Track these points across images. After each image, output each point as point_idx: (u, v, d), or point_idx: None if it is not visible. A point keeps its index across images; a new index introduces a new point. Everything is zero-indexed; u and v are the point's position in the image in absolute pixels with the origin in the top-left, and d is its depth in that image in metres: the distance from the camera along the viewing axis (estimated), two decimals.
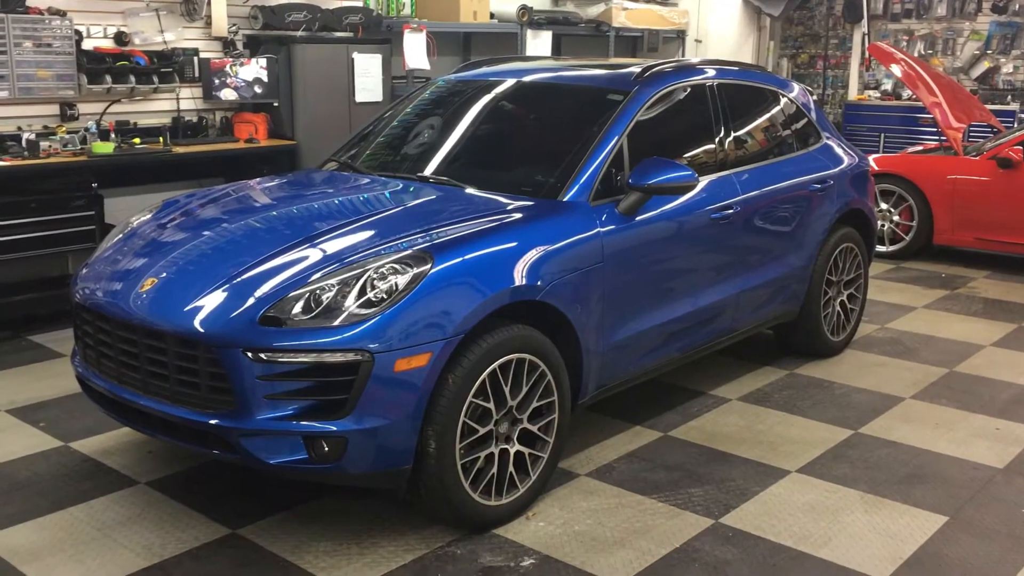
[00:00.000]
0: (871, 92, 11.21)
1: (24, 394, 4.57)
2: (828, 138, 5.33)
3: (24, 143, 5.53)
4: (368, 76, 7.09)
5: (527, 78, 4.60)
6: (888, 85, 11.13)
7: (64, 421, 4.24)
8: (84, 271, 3.70)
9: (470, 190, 3.91)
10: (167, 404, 3.17)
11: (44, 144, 5.59)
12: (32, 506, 3.49)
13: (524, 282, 3.34)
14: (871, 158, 7.52)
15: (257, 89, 6.65)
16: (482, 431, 3.25)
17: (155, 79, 6.26)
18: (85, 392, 3.67)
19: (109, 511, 3.46)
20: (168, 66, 6.33)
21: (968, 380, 5.02)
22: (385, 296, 3.05)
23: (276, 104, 6.76)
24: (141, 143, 6.03)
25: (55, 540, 3.26)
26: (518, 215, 3.60)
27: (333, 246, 3.35)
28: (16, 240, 5.36)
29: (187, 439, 3.21)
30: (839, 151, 5.33)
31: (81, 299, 3.53)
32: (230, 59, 6.58)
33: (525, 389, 3.37)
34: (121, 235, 3.89)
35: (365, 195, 4.00)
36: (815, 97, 5.63)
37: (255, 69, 6.61)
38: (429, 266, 3.14)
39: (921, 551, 3.29)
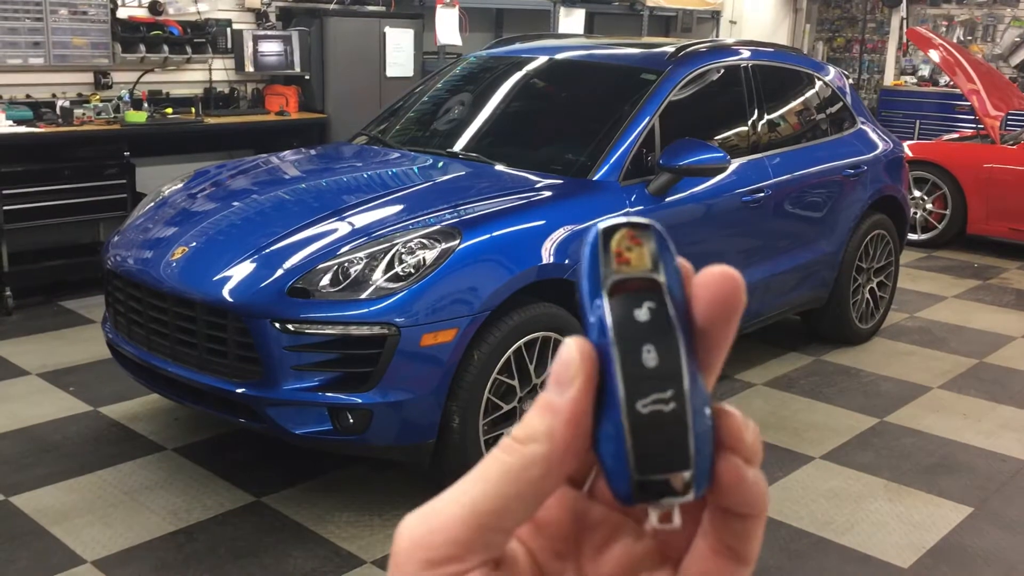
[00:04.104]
0: (908, 78, 11.04)
1: (55, 358, 4.63)
2: (863, 123, 5.25)
3: (58, 110, 5.58)
4: (400, 51, 7.07)
5: (559, 56, 4.57)
6: (925, 71, 10.95)
7: (94, 386, 4.30)
8: (116, 238, 3.74)
9: (500, 167, 3.90)
10: (195, 372, 3.20)
11: (78, 112, 5.63)
12: (61, 468, 3.55)
13: (551, 260, 3.34)
14: (906, 145, 7.41)
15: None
16: (506, 408, 3.26)
17: (188, 49, 6.28)
18: (115, 358, 3.72)
19: (136, 475, 3.52)
20: (201, 36, 6.34)
21: (997, 371, 4.97)
22: (413, 271, 3.06)
23: (307, 77, 6.76)
24: (173, 113, 6.06)
25: (83, 502, 3.32)
26: (547, 193, 3.59)
27: (362, 220, 3.36)
28: (49, 206, 5.41)
29: (214, 407, 3.25)
30: (874, 136, 5.26)
31: (112, 266, 3.56)
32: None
33: (550, 367, 3.37)
34: (152, 204, 3.92)
35: (394, 170, 4.00)
36: (851, 81, 5.55)
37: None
38: (457, 242, 3.14)
39: (944, 541, 3.27)
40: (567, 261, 3.38)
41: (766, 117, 4.56)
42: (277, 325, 2.99)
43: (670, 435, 0.38)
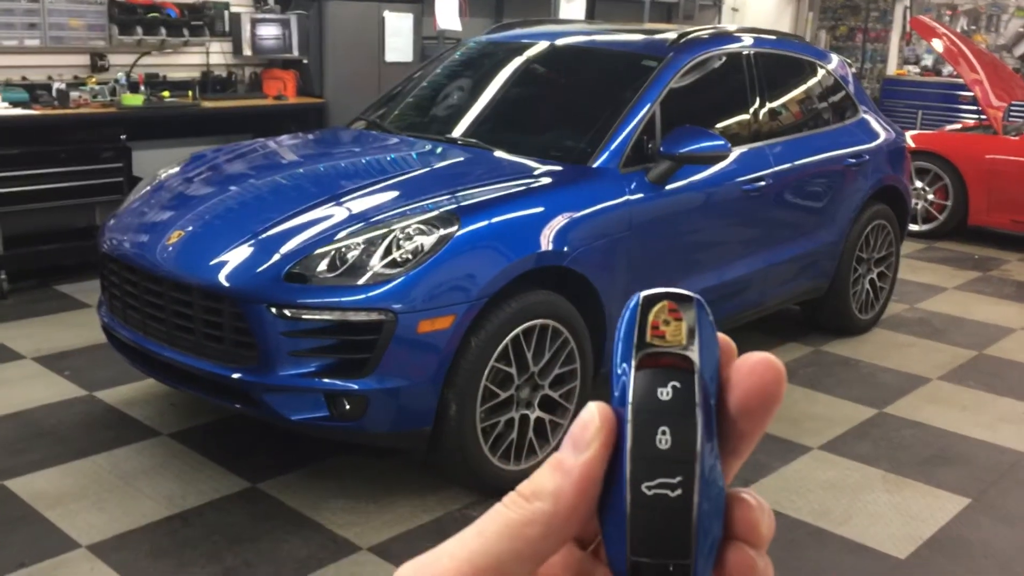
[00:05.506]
0: (911, 67, 11.00)
1: (50, 343, 4.61)
2: (865, 112, 5.22)
3: (54, 93, 5.54)
4: (399, 36, 7.02)
5: (560, 41, 4.53)
6: (928, 61, 10.91)
7: (89, 371, 4.28)
8: (112, 222, 3.71)
9: (499, 153, 3.87)
10: (191, 356, 3.18)
11: (74, 94, 5.59)
12: (56, 453, 3.53)
13: (550, 248, 3.31)
14: (908, 135, 7.38)
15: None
16: (503, 396, 3.24)
17: (186, 32, 6.23)
18: (110, 342, 3.70)
19: (131, 461, 3.50)
20: (199, 19, 6.29)
21: (997, 363, 4.95)
22: (410, 257, 3.03)
23: (306, 61, 6.72)
24: (170, 96, 6.02)
25: (78, 487, 3.30)
26: (546, 180, 3.56)
27: (359, 205, 3.34)
28: (44, 190, 5.38)
29: (210, 392, 3.23)
30: (876, 126, 5.23)
31: (108, 250, 3.54)
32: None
33: (548, 355, 3.36)
34: (149, 187, 3.89)
35: (392, 155, 3.97)
36: (853, 70, 5.52)
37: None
38: (455, 228, 3.11)
39: (941, 532, 3.26)
40: (566, 248, 3.36)
41: (768, 105, 4.53)
42: (274, 310, 2.97)
43: (672, 522, 0.37)
